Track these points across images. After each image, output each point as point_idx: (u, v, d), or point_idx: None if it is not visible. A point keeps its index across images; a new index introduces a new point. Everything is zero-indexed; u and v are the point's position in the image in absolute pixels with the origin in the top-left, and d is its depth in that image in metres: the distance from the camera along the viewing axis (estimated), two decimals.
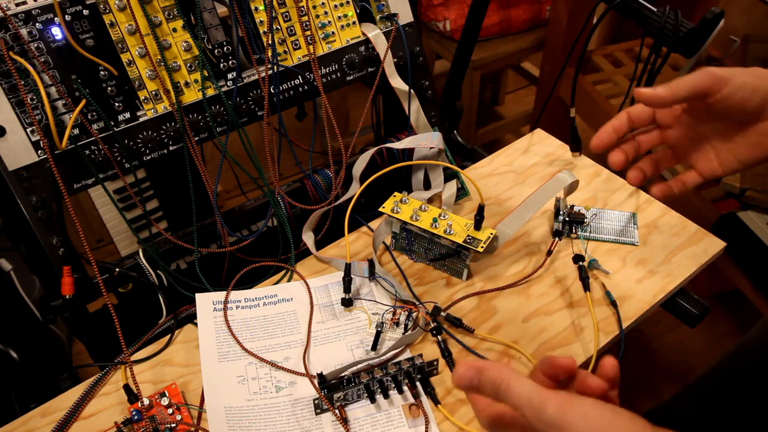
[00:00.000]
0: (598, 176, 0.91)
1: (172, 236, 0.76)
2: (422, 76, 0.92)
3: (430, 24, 1.75)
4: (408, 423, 0.62)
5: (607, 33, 2.06)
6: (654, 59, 0.80)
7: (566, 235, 0.81)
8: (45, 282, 0.75)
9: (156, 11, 0.70)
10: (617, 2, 0.81)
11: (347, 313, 0.73)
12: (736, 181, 1.25)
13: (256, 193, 0.84)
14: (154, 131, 0.73)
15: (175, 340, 0.71)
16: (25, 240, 0.71)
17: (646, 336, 1.50)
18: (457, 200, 0.87)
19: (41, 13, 0.64)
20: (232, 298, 0.74)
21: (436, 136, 0.83)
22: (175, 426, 0.61)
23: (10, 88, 0.64)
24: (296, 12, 0.79)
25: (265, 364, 0.67)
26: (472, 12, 1.13)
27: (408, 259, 0.80)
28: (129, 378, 0.66)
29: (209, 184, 0.76)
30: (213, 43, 0.74)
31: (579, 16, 1.51)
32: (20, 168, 0.66)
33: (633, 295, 0.73)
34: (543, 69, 1.73)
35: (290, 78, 0.81)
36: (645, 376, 1.43)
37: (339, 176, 0.84)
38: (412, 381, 0.63)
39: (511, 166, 0.94)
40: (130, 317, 0.72)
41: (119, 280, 0.75)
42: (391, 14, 0.87)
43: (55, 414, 0.64)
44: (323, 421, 0.62)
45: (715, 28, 0.74)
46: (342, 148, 0.82)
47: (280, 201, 0.81)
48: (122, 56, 0.69)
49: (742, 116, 0.56)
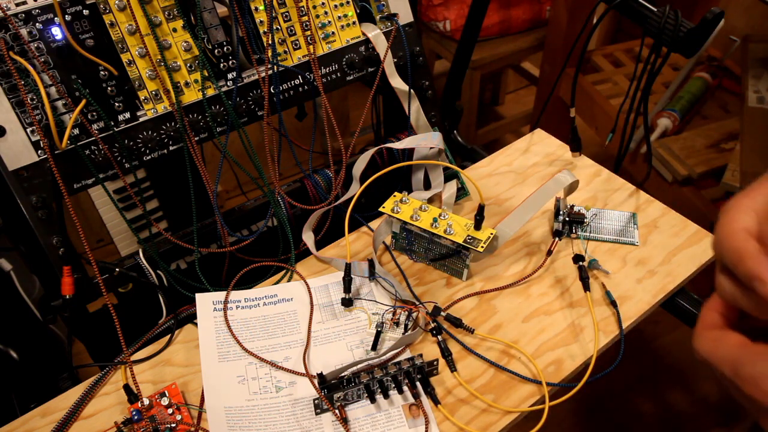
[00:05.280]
0: (598, 176, 0.91)
1: (172, 236, 0.76)
2: (422, 76, 0.92)
3: (430, 24, 1.75)
4: (408, 423, 0.62)
5: (607, 33, 2.06)
6: (654, 59, 0.80)
7: (566, 235, 0.81)
8: (45, 282, 0.75)
9: (156, 11, 0.70)
10: (617, 2, 0.80)
11: (347, 313, 0.73)
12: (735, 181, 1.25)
13: (256, 193, 0.84)
14: (154, 131, 0.73)
15: (175, 340, 0.71)
16: (25, 240, 0.71)
17: (646, 336, 1.50)
18: (457, 200, 0.87)
19: (41, 13, 0.64)
20: (232, 298, 0.74)
21: (436, 136, 0.83)
22: (175, 426, 0.61)
23: (10, 88, 0.64)
24: (296, 12, 0.79)
25: (265, 364, 0.67)
26: (472, 12, 1.13)
27: (408, 259, 0.80)
28: (129, 378, 0.66)
29: (209, 184, 0.76)
30: (213, 43, 0.74)
31: (579, 16, 1.51)
32: (20, 168, 0.66)
33: (633, 295, 0.73)
34: (543, 69, 1.73)
35: (290, 78, 0.81)
36: (645, 376, 1.43)
37: (339, 176, 0.84)
38: (412, 381, 0.63)
39: (511, 166, 0.94)
40: (130, 317, 0.72)
41: (119, 280, 0.75)
42: (391, 14, 0.87)
43: (55, 414, 0.64)
44: (323, 421, 0.62)
45: (715, 28, 0.74)
46: (342, 148, 0.82)
47: (280, 201, 0.81)
48: (122, 56, 0.69)
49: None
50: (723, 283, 0.34)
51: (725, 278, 0.34)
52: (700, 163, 1.32)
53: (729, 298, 0.34)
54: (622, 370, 0.46)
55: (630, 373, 1.42)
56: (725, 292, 0.34)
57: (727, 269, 0.34)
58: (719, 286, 0.35)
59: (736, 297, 0.34)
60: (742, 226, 0.33)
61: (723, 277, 0.34)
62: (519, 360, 0.67)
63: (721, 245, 0.33)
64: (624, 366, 0.66)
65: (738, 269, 0.32)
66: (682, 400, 1.40)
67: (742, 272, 0.32)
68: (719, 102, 1.48)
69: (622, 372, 0.45)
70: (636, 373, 1.42)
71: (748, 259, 0.32)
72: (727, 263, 0.33)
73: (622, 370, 0.45)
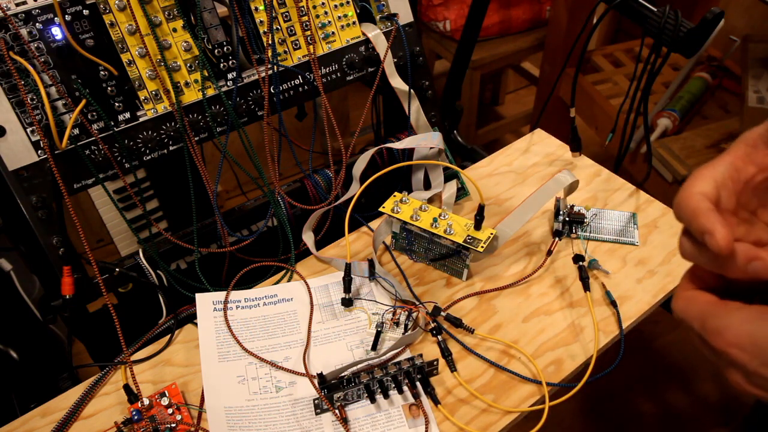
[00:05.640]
0: (598, 176, 0.91)
1: (172, 236, 0.76)
2: (422, 76, 0.92)
3: (430, 24, 1.75)
4: (408, 423, 0.62)
5: (607, 33, 2.06)
6: (654, 59, 0.80)
7: (566, 235, 0.81)
8: (45, 282, 0.75)
9: (156, 11, 0.70)
10: (617, 2, 0.80)
11: (347, 313, 0.73)
12: None
13: (256, 193, 0.84)
14: (154, 131, 0.73)
15: (175, 340, 0.71)
16: (25, 240, 0.71)
17: (646, 336, 1.50)
18: (457, 200, 0.87)
19: (41, 13, 0.64)
20: (232, 298, 0.74)
21: (436, 136, 0.83)
22: (175, 426, 0.61)
23: (10, 88, 0.64)
24: (296, 12, 0.79)
25: (265, 364, 0.67)
26: (472, 12, 1.13)
27: (408, 259, 0.80)
28: (129, 378, 0.66)
29: (209, 184, 0.76)
30: (213, 43, 0.74)
31: (579, 16, 1.51)
32: (20, 168, 0.66)
33: (633, 295, 0.73)
34: (543, 69, 1.73)
35: (290, 78, 0.81)
36: (645, 376, 1.43)
37: (339, 176, 0.84)
38: (412, 381, 0.63)
39: (511, 166, 0.94)
40: (130, 317, 0.72)
41: (119, 280, 0.75)
42: (391, 14, 0.87)
43: (55, 414, 0.64)
44: (323, 421, 0.62)
45: (715, 28, 0.74)
46: (342, 148, 0.82)
47: (280, 201, 0.81)
48: (122, 56, 0.69)
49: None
50: (683, 243, 0.37)
51: (685, 239, 0.37)
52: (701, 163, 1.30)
53: (689, 256, 0.37)
54: (622, 370, 0.46)
55: (630, 373, 1.42)
56: (686, 251, 0.37)
57: (687, 232, 0.36)
58: (681, 246, 0.37)
59: (695, 255, 0.36)
60: (699, 190, 0.35)
61: (684, 238, 0.37)
62: (519, 360, 0.67)
63: (679, 207, 0.36)
64: (624, 366, 0.66)
65: (692, 226, 0.35)
66: (682, 400, 1.40)
67: (696, 228, 0.34)
68: (719, 102, 1.48)
69: (622, 372, 0.45)
70: (636, 373, 1.42)
71: (700, 215, 0.34)
72: (684, 222, 0.36)
73: (622, 370, 0.46)
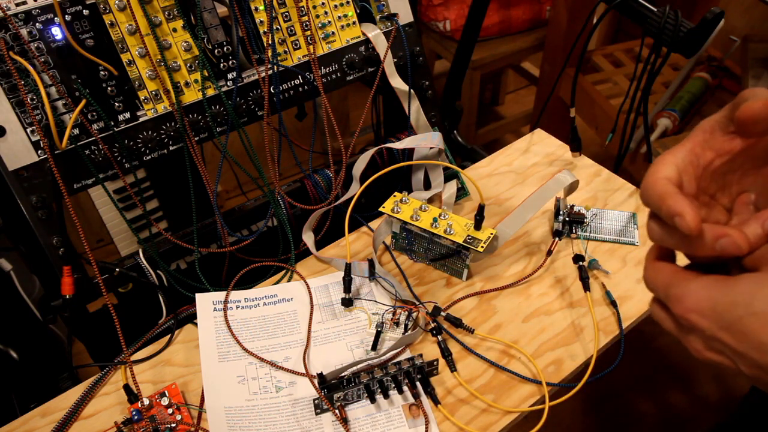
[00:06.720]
0: (598, 176, 0.91)
1: (172, 236, 0.76)
2: (422, 76, 0.92)
3: (430, 24, 1.75)
4: (408, 423, 0.62)
5: (607, 33, 2.06)
6: (654, 59, 0.80)
7: (566, 235, 0.81)
8: (45, 282, 0.75)
9: (156, 11, 0.70)
10: (617, 2, 0.81)
11: (347, 313, 0.73)
12: None
13: (256, 193, 0.84)
14: (154, 131, 0.73)
15: (175, 340, 0.71)
16: (25, 240, 0.71)
17: (646, 336, 1.50)
18: (457, 200, 0.87)
19: (41, 13, 0.64)
20: (232, 298, 0.74)
21: (436, 136, 0.83)
22: (175, 426, 0.61)
23: (10, 88, 0.64)
24: (296, 12, 0.79)
25: (265, 364, 0.67)
26: (472, 12, 1.13)
27: (408, 259, 0.80)
28: (129, 378, 0.66)
29: (209, 184, 0.76)
30: (213, 43, 0.74)
31: (579, 16, 1.51)
32: (20, 168, 0.66)
33: (633, 295, 0.73)
34: (543, 69, 1.73)
35: (290, 78, 0.81)
36: (645, 376, 1.43)
37: (339, 176, 0.84)
38: (412, 381, 0.63)
39: (511, 166, 0.94)
40: (130, 317, 0.72)
41: (119, 280, 0.75)
42: (391, 14, 0.87)
43: (55, 414, 0.64)
44: (323, 421, 0.62)
45: (715, 28, 0.74)
46: (342, 148, 0.82)
47: (280, 201, 0.81)
48: (122, 56, 0.69)
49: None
50: (652, 227, 0.38)
51: (653, 223, 0.37)
52: None
53: (658, 240, 0.38)
54: (622, 370, 0.46)
55: (630, 373, 1.42)
56: (654, 234, 0.37)
57: (654, 216, 0.37)
58: (649, 230, 0.38)
59: (664, 237, 0.37)
60: (664, 175, 0.36)
61: (652, 222, 0.38)
62: (519, 360, 0.67)
63: (645, 192, 0.36)
64: (624, 366, 0.66)
65: (661, 210, 0.35)
66: (682, 400, 1.40)
67: (665, 211, 0.35)
68: (719, 102, 1.48)
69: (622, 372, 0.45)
70: (636, 373, 1.42)
71: (668, 198, 0.35)
72: (652, 207, 0.36)
73: (622, 370, 0.46)
